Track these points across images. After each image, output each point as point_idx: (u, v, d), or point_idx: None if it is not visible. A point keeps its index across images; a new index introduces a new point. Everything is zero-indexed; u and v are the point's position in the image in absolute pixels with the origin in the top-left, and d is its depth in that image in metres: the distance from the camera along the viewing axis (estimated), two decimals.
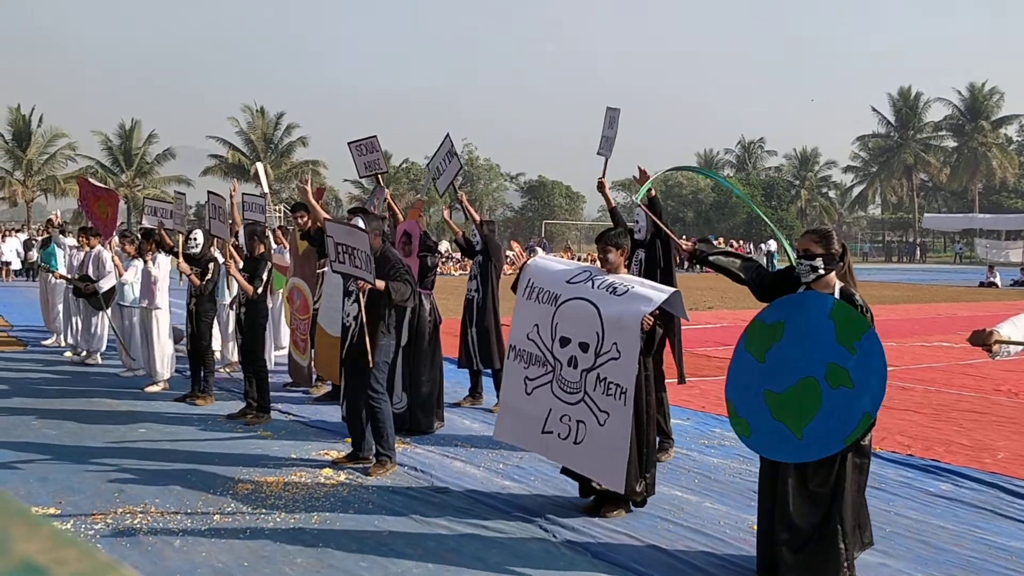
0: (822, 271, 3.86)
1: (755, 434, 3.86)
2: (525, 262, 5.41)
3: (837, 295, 3.84)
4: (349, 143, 8.05)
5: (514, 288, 5.31)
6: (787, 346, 3.81)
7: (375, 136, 7.93)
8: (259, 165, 11.36)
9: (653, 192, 5.86)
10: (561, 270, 5.07)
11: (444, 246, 31.92)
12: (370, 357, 5.45)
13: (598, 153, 6.52)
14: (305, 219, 8.10)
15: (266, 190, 9.85)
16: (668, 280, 5.59)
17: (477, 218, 7.65)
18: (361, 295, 5.52)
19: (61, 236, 12.59)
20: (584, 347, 4.68)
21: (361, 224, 5.65)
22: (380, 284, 5.50)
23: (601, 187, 6.30)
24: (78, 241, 11.00)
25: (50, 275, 11.62)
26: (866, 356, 3.61)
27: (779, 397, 3.79)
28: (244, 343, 7.35)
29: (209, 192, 7.99)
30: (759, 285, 4.18)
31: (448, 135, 7.72)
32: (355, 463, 5.78)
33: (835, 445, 3.65)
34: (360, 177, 8.01)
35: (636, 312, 4.50)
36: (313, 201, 6.69)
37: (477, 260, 7.76)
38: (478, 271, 7.71)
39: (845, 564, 3.75)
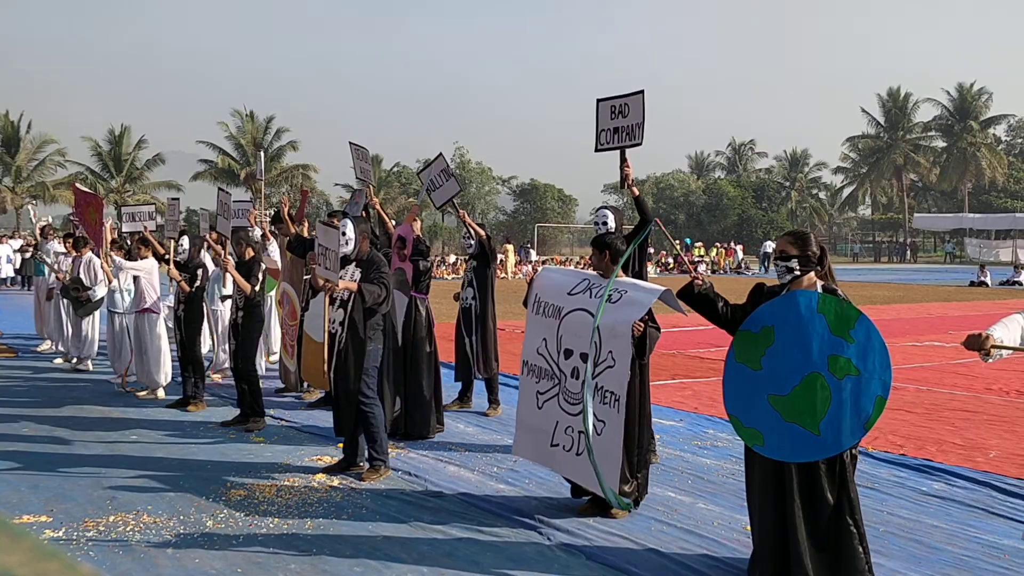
0: (797, 272, 3.89)
1: (770, 441, 3.81)
2: (533, 277, 5.41)
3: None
4: (351, 143, 8.06)
5: (525, 303, 5.32)
6: (782, 348, 3.81)
7: (366, 148, 7.97)
8: (261, 154, 11.56)
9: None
10: (563, 282, 5.10)
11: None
12: (325, 367, 5.45)
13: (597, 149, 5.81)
14: (283, 229, 8.18)
15: (262, 176, 9.93)
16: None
17: (483, 234, 7.55)
18: (326, 296, 5.51)
19: (47, 243, 12.52)
20: (585, 358, 4.70)
21: (350, 226, 5.65)
22: (343, 284, 5.47)
23: (624, 181, 5.64)
24: (65, 247, 10.94)
25: (49, 272, 11.56)
26: (864, 341, 3.63)
27: (785, 399, 3.77)
28: (238, 348, 7.31)
29: (220, 189, 8.13)
30: (728, 320, 4.10)
31: (441, 154, 7.65)
32: (348, 470, 5.75)
33: (856, 434, 3.66)
34: (357, 178, 8.06)
35: (627, 319, 4.53)
36: (286, 217, 7.00)
37: (472, 265, 7.67)
38: (473, 276, 7.60)
39: (867, 566, 3.75)
